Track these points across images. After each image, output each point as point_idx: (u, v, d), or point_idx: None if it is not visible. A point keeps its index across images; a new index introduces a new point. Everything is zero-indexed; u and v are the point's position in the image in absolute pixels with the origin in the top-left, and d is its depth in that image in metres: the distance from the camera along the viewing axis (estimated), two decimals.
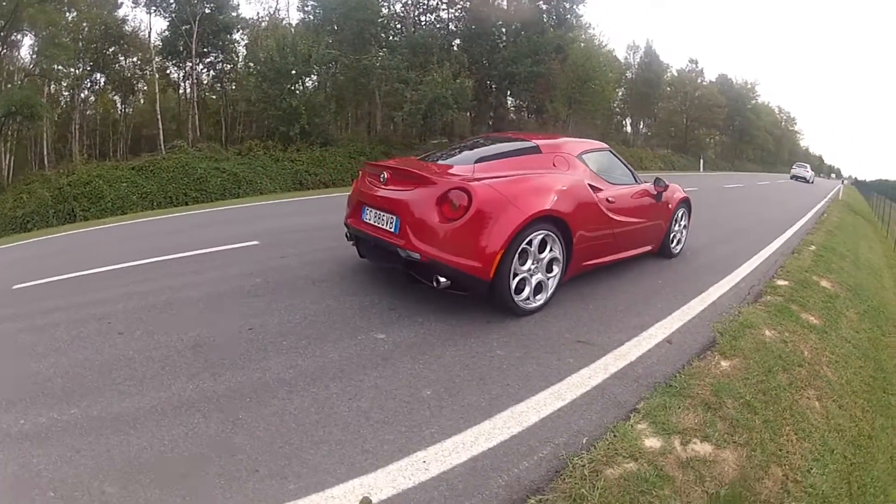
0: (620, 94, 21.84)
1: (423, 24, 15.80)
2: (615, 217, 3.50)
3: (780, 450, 2.10)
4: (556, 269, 3.08)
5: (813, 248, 5.84)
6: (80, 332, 2.88)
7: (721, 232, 6.24)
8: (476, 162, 3.31)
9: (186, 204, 12.07)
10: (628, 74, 25.32)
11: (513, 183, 2.97)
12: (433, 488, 1.64)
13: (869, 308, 4.08)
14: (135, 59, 19.04)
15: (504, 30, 14.66)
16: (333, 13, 14.39)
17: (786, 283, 4.15)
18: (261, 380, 2.27)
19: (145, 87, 20.15)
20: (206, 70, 18.53)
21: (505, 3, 15.69)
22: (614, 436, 1.95)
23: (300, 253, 4.49)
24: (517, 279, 2.87)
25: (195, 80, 18.00)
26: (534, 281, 2.97)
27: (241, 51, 17.19)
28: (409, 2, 15.73)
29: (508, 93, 15.72)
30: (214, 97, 19.52)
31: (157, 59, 18.28)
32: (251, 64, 14.25)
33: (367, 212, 3.27)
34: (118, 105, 20.31)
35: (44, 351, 2.67)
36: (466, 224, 2.75)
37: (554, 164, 3.38)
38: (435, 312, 2.97)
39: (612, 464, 1.81)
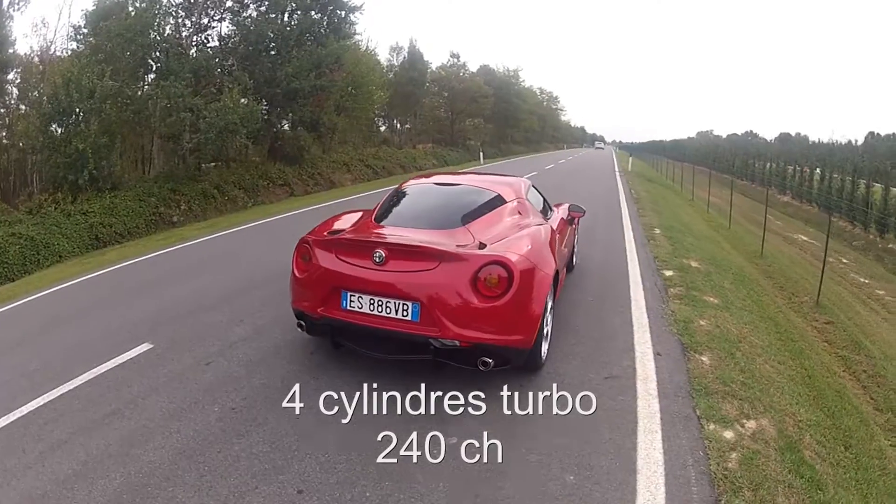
0: (387, 96, 23.03)
1: (201, 45, 14.61)
2: (561, 248, 4.10)
3: (781, 405, 3.06)
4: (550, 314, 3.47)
5: (658, 231, 7.37)
6: None
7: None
8: (464, 223, 3.37)
9: None
10: (390, 75, 26.50)
11: (529, 245, 3.17)
12: None
13: (734, 276, 5.48)
14: None
15: (285, 45, 14.41)
16: (110, 41, 12.51)
17: (671, 272, 5.31)
18: None
19: None
20: None
21: (278, 16, 15.23)
22: (709, 441, 2.58)
23: (229, 350, 3.80)
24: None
25: None
26: (547, 331, 3.31)
27: (14, 91, 14.02)
28: (181, 22, 14.34)
29: (289, 111, 15.49)
30: None
31: None
32: (30, 105, 11.98)
33: (355, 298, 3.02)
34: None
35: None
36: (511, 300, 2.81)
37: (520, 213, 3.73)
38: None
39: (726, 459, 2.45)
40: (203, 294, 5.13)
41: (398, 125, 30.83)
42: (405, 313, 2.86)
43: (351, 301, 3.02)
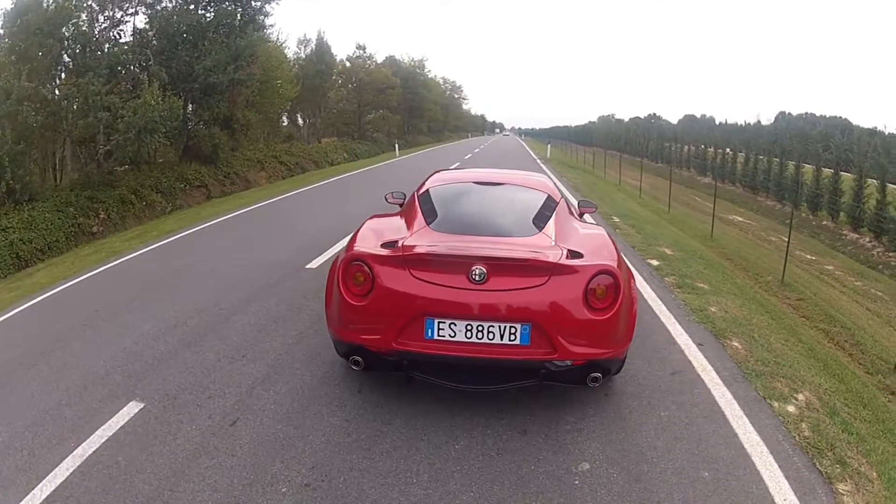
0: (296, 90, 22.89)
1: (115, 40, 13.62)
2: None
3: (808, 378, 3.70)
4: None
5: (616, 219, 8.04)
6: None
7: None
8: (539, 229, 3.20)
9: None
10: (295, 69, 26.19)
11: (613, 250, 3.12)
12: None
13: (704, 261, 6.39)
14: None
15: (202, 37, 13.91)
16: (27, 39, 11.28)
17: (655, 261, 5.94)
18: None
19: None
20: None
21: (195, 8, 14.61)
22: (782, 417, 3.12)
23: (250, 399, 3.28)
24: None
25: None
26: None
27: None
28: (94, 17, 13.23)
29: (206, 107, 15.04)
30: None
31: None
32: None
33: (445, 326, 2.65)
34: None
35: None
36: (619, 310, 2.73)
37: (570, 214, 3.84)
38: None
39: (801, 429, 2.99)
40: (175, 324, 4.47)
41: (301, 120, 30.07)
42: (513, 337, 2.60)
43: (440, 330, 2.64)
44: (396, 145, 32.86)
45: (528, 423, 2.96)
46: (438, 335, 2.65)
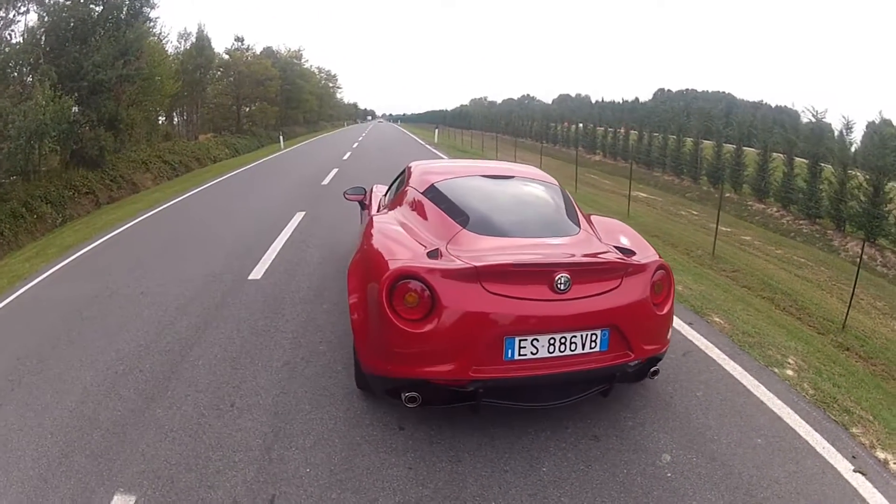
0: (178, 86, 22.17)
1: (7, 40, 12.04)
2: None
3: (785, 343, 4.24)
4: None
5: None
6: None
7: None
8: (577, 224, 3.18)
9: None
10: (176, 64, 25.45)
11: (639, 236, 3.29)
12: None
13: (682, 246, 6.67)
14: None
15: (92, 32, 13.09)
16: None
17: None
18: None
19: None
20: None
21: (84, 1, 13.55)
22: (788, 381, 3.57)
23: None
24: None
25: None
26: None
27: None
28: None
29: (93, 107, 14.14)
30: None
31: None
32: None
33: (527, 343, 2.45)
34: None
35: None
36: (672, 302, 2.85)
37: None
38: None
39: (804, 388, 3.44)
40: (123, 370, 3.65)
41: (176, 117, 28.56)
42: (593, 345, 2.49)
43: (521, 349, 2.42)
44: (281, 137, 31.96)
45: (592, 429, 2.97)
46: (519, 354, 2.43)
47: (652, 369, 2.86)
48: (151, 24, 16.92)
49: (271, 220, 8.23)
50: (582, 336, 2.49)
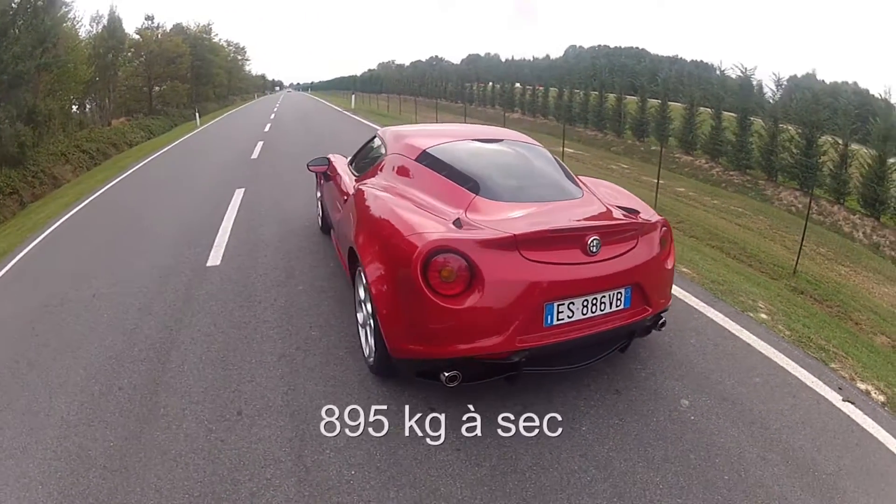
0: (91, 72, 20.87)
1: None
2: None
3: (751, 290, 4.61)
4: None
5: None
6: None
7: None
8: (579, 186, 3.30)
9: None
10: (89, 49, 24.22)
11: (632, 195, 3.54)
12: None
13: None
14: None
15: (12, 23, 11.89)
16: None
17: None
18: None
19: None
20: None
21: None
22: (766, 325, 3.88)
23: None
24: None
25: None
26: None
27: None
28: None
29: (12, 102, 12.79)
30: None
31: None
32: None
33: (564, 307, 2.46)
34: None
35: None
36: (673, 256, 3.04)
37: None
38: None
39: (782, 331, 3.79)
40: (100, 392, 3.08)
41: (88, 104, 26.95)
42: (619, 303, 2.58)
43: (559, 314, 2.44)
44: (197, 115, 30.17)
45: (612, 383, 3.07)
46: (558, 319, 2.45)
47: (660, 322, 3.02)
48: (67, 8, 16.34)
49: (212, 201, 7.68)
50: (610, 296, 2.57)
